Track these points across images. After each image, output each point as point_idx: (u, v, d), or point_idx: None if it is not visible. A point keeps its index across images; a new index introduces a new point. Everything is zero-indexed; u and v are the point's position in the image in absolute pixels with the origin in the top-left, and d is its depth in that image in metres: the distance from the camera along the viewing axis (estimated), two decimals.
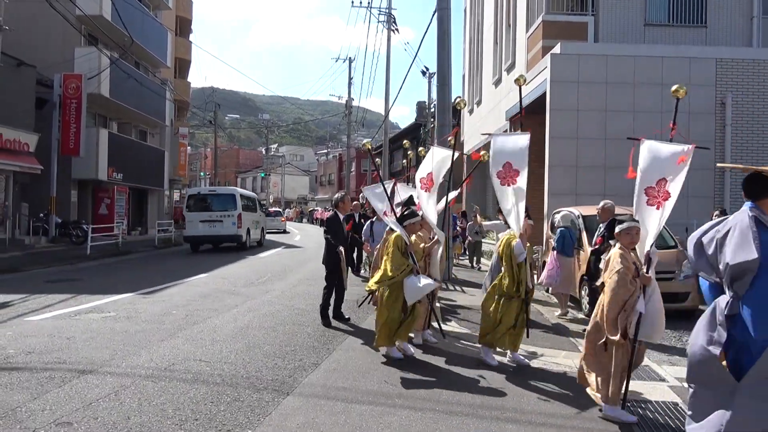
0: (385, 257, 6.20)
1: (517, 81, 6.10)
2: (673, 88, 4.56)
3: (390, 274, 5.89)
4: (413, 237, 6.23)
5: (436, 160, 6.87)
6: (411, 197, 7.14)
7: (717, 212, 8.64)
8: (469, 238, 15.18)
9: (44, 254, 16.46)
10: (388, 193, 6.92)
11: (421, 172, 6.98)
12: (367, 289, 7.96)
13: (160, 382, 4.90)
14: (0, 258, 14.93)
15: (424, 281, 5.79)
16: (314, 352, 6.09)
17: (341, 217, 7.91)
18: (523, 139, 5.88)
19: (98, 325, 7.21)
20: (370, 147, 7.47)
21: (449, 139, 7.23)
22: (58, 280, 11.78)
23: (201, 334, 6.76)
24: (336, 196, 8.07)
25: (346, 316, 7.89)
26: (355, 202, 12.73)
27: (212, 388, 4.80)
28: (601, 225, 7.49)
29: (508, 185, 5.81)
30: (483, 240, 15.38)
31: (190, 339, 6.52)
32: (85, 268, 14.16)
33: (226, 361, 5.60)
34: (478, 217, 14.61)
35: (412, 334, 6.59)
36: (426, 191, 6.85)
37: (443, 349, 6.36)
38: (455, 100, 7.08)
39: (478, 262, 15.10)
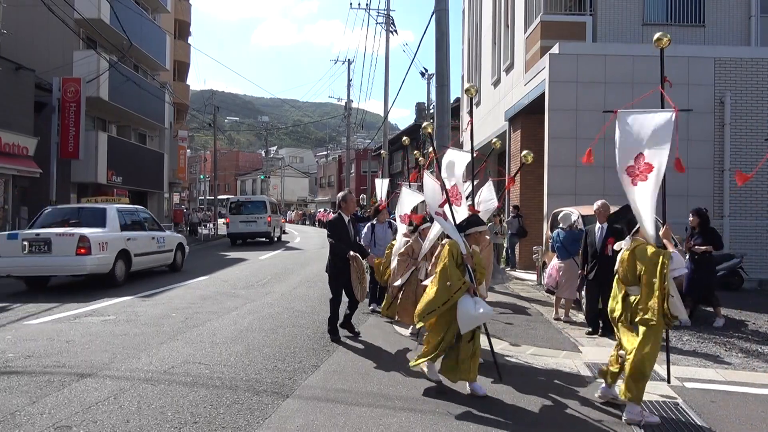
0: (433, 277, 5.06)
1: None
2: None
3: (443, 295, 4.80)
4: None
5: (452, 166, 6.16)
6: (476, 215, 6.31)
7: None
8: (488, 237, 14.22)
9: None
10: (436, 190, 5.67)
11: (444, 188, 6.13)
12: (385, 314, 7.54)
13: (159, 385, 4.89)
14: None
15: (481, 308, 4.80)
16: (314, 354, 6.08)
17: (346, 219, 6.94)
18: (662, 118, 4.41)
19: (97, 329, 7.20)
20: (431, 130, 6.29)
21: (466, 129, 7.04)
22: (57, 283, 11.77)
23: (200, 337, 6.75)
24: (339, 195, 7.20)
25: (356, 330, 7.08)
26: (344, 194, 12.04)
27: (212, 390, 4.79)
28: (597, 226, 7.33)
29: (643, 181, 4.46)
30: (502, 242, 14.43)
31: (189, 342, 6.51)
32: None
33: (225, 364, 5.59)
34: (499, 216, 13.70)
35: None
36: (458, 206, 5.81)
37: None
38: (466, 87, 6.64)
39: (498, 263, 13.80)
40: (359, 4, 47.65)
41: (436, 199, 5.59)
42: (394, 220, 9.36)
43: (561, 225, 8.62)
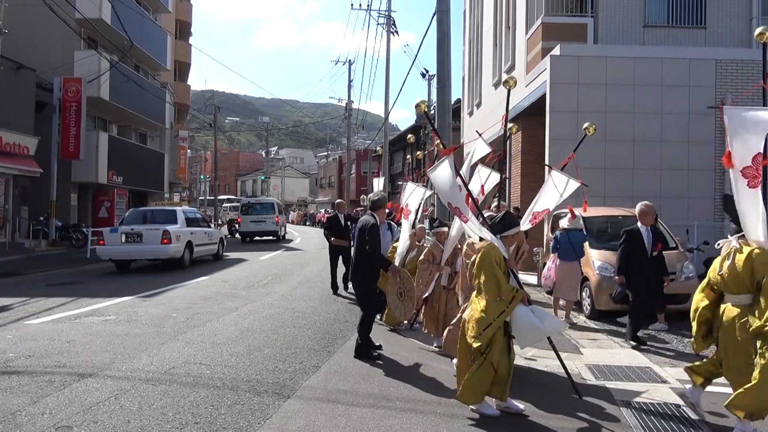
0: (474, 293, 4.48)
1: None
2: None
3: (496, 307, 4.23)
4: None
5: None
6: (508, 212, 5.88)
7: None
8: None
9: (44, 258, 16.45)
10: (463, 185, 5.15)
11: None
12: (387, 322, 7.38)
13: (160, 386, 4.89)
14: (0, 261, 14.91)
15: (549, 320, 4.36)
16: (315, 355, 6.08)
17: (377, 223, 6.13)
18: None
19: (98, 329, 7.20)
20: (425, 108, 5.65)
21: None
22: (58, 283, 11.77)
23: (201, 338, 6.75)
24: (373, 197, 6.31)
25: (377, 344, 6.30)
26: (339, 201, 11.91)
27: (212, 391, 4.78)
28: (641, 227, 6.88)
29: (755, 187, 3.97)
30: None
31: (190, 342, 6.51)
32: (85, 272, 14.14)
33: (226, 365, 5.59)
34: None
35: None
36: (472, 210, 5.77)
37: (446, 352, 6.34)
38: (505, 79, 5.90)
39: None
40: (360, 5, 47.64)
41: (455, 194, 4.90)
42: (393, 221, 9.36)
43: (566, 225, 8.45)
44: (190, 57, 38.96)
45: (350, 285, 9.92)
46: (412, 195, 7.83)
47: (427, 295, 6.66)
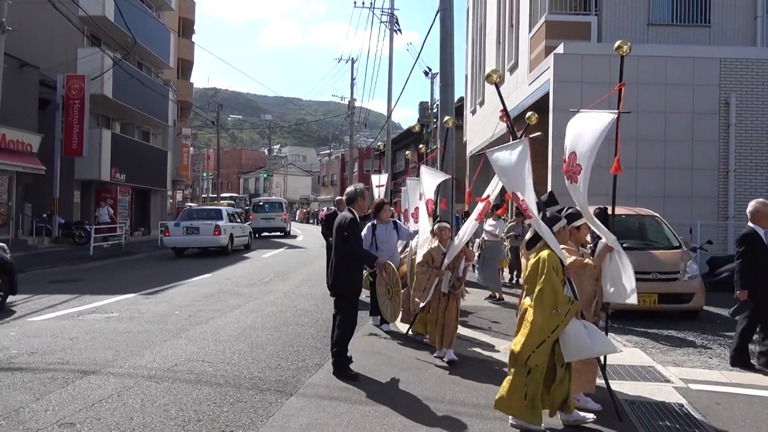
0: (530, 304, 4.02)
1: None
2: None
3: (551, 322, 3.90)
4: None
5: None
6: (552, 193, 5.48)
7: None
8: (506, 243, 11.59)
9: (47, 255, 16.47)
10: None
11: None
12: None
13: (163, 383, 4.89)
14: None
15: (600, 341, 4.06)
16: (317, 352, 6.08)
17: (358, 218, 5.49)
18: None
19: (101, 326, 7.21)
20: (497, 79, 5.27)
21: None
22: (60, 280, 11.80)
23: (204, 335, 6.75)
24: (350, 189, 5.60)
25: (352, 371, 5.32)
26: (339, 198, 10.12)
27: (215, 388, 4.79)
28: (762, 231, 5.94)
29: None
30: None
31: (193, 339, 6.51)
32: (87, 269, 14.17)
33: (229, 362, 5.59)
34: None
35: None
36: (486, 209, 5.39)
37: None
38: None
39: (519, 275, 11.35)
40: (363, 3, 47.62)
41: (524, 183, 4.40)
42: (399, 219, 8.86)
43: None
44: (193, 55, 38.99)
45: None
46: (426, 186, 6.94)
47: (424, 304, 5.98)
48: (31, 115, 18.89)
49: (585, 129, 4.27)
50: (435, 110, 27.35)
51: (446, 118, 8.14)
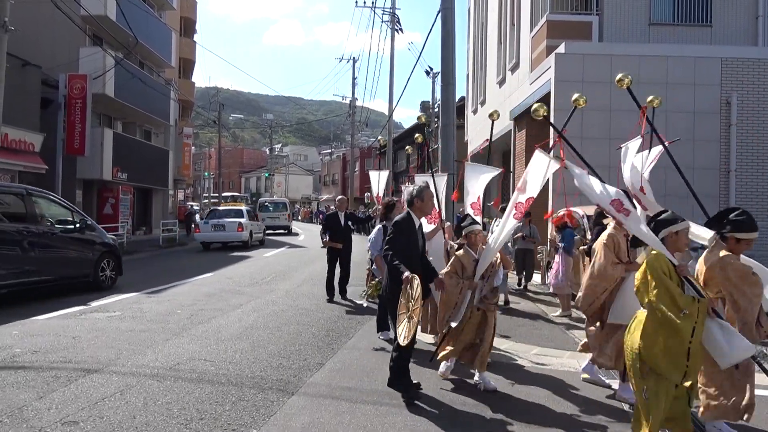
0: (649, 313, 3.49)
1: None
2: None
3: (686, 329, 3.38)
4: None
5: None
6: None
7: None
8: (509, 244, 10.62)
9: None
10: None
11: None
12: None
13: (165, 382, 4.92)
14: None
15: (737, 342, 3.57)
16: (319, 352, 6.10)
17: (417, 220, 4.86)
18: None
19: (104, 325, 7.24)
20: (544, 113, 5.09)
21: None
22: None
23: (206, 334, 6.78)
24: (412, 189, 4.96)
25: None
26: (341, 197, 10.54)
27: (217, 387, 4.81)
28: None
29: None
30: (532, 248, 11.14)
31: (195, 338, 6.54)
32: None
33: (230, 361, 5.62)
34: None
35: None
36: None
37: None
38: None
39: (528, 278, 10.99)
40: (365, 2, 47.56)
41: (600, 192, 4.22)
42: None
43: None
44: (195, 54, 38.97)
45: (348, 291, 9.48)
46: (473, 183, 6.47)
47: (456, 323, 5.09)
48: (33, 115, 18.91)
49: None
50: (436, 110, 27.34)
51: (419, 114, 8.00)
